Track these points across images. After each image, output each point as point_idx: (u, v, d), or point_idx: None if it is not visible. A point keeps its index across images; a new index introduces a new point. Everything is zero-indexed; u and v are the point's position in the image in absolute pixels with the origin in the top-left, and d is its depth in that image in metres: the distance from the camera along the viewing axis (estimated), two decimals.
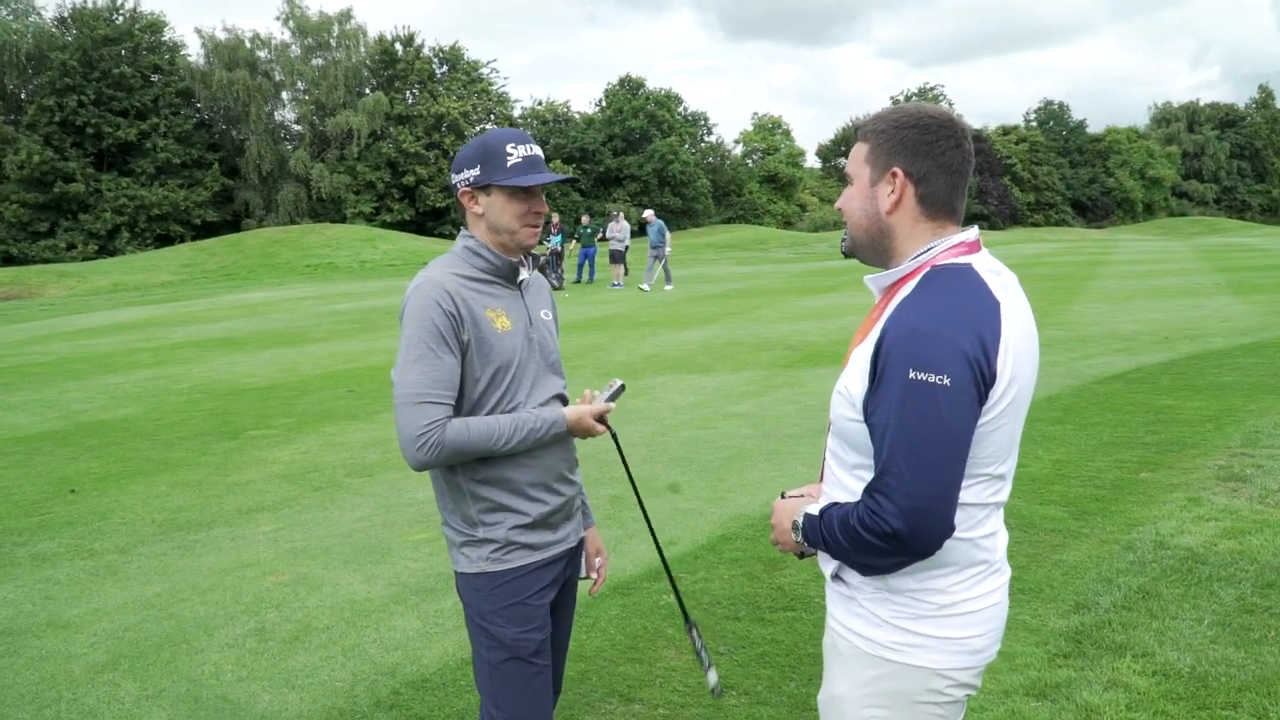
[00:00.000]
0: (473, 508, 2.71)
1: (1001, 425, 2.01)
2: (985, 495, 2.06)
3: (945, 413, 1.91)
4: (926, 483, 1.92)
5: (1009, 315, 2.01)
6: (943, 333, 1.93)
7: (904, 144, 2.09)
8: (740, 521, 6.45)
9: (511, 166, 2.67)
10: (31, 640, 5.03)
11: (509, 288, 2.79)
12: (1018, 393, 2.02)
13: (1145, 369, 11.53)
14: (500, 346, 2.67)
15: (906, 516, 1.92)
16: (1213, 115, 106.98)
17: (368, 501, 7.27)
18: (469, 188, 2.71)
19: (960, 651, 2.09)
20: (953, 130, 2.10)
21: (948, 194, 2.10)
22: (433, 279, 2.64)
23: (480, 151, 2.70)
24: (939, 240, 2.10)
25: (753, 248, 49.86)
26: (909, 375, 1.91)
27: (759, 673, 4.34)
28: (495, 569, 2.71)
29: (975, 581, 2.09)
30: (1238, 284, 22.70)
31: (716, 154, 79.63)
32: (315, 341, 17.38)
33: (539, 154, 2.72)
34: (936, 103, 75.29)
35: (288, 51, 64.26)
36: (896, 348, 1.95)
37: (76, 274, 40.16)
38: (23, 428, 10.53)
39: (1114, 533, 5.90)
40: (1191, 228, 74.09)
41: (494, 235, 2.74)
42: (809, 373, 12.14)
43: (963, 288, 2.01)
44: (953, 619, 2.08)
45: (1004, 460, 2.07)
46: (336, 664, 4.64)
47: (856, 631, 2.14)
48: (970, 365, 1.91)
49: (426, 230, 61.00)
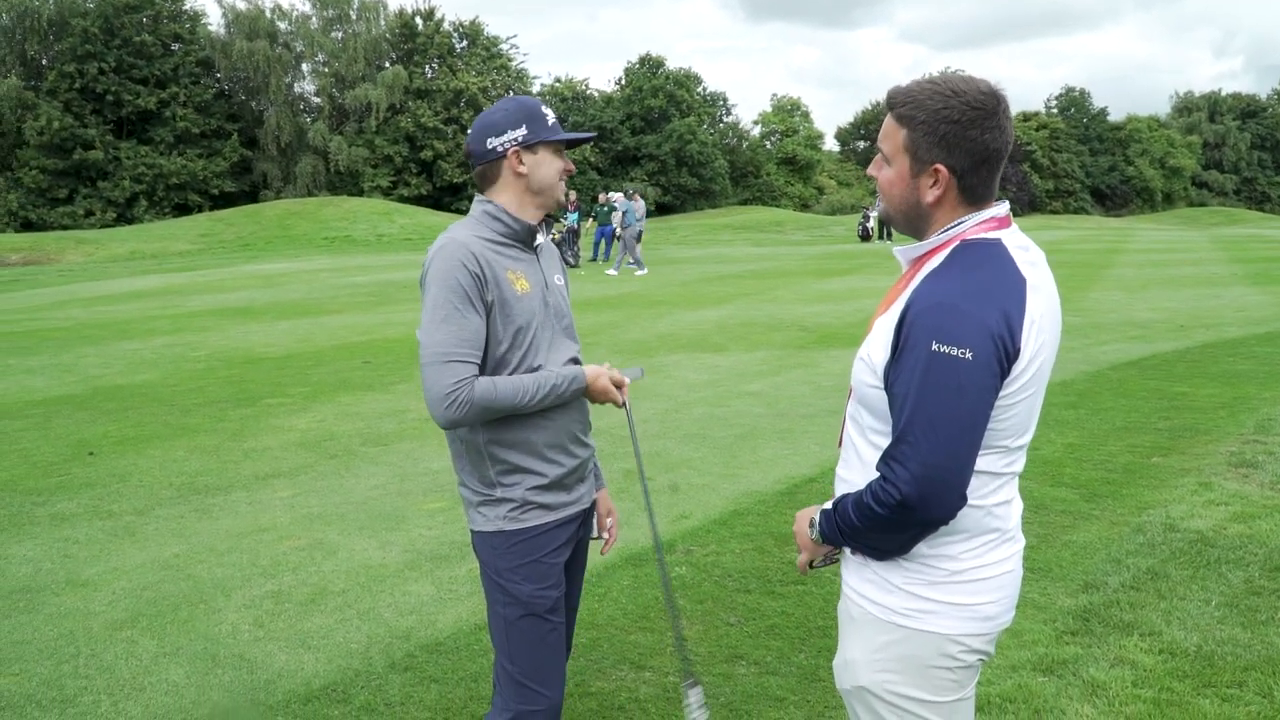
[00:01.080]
0: (491, 469, 2.75)
1: (1022, 399, 2.03)
2: (1000, 465, 2.08)
3: (966, 386, 1.93)
4: (941, 453, 1.94)
5: (1034, 291, 2.02)
6: (967, 307, 1.95)
7: (946, 140, 2.04)
8: (752, 497, 6.49)
9: (553, 125, 2.75)
10: (50, 597, 5.10)
11: (527, 251, 2.82)
12: (1039, 367, 2.03)
13: (1160, 356, 11.52)
14: (520, 308, 2.71)
15: (919, 483, 1.95)
16: (1234, 106, 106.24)
17: (383, 470, 7.33)
18: (517, 147, 2.73)
19: (972, 618, 2.10)
20: (993, 113, 2.04)
21: (990, 180, 2.10)
22: (456, 240, 2.66)
23: (523, 112, 2.74)
24: (971, 215, 2.10)
25: (769, 229, 49.78)
26: (932, 347, 1.93)
27: (769, 644, 4.39)
28: (512, 528, 2.75)
29: (988, 549, 2.11)
30: (1255, 274, 22.61)
31: (734, 135, 79.42)
32: (331, 313, 17.46)
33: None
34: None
35: (308, 23, 64.32)
36: (921, 320, 1.96)
37: (95, 241, 40.37)
38: (40, 391, 10.63)
39: (1124, 515, 5.93)
40: (1210, 218, 73.66)
41: (533, 196, 2.78)
42: (823, 354, 12.15)
43: (991, 263, 2.03)
44: (964, 585, 2.10)
45: (1023, 433, 2.09)
46: (352, 626, 4.70)
47: (869, 597, 2.16)
48: (994, 341, 1.93)
49: (443, 205, 61.05)
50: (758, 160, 79.10)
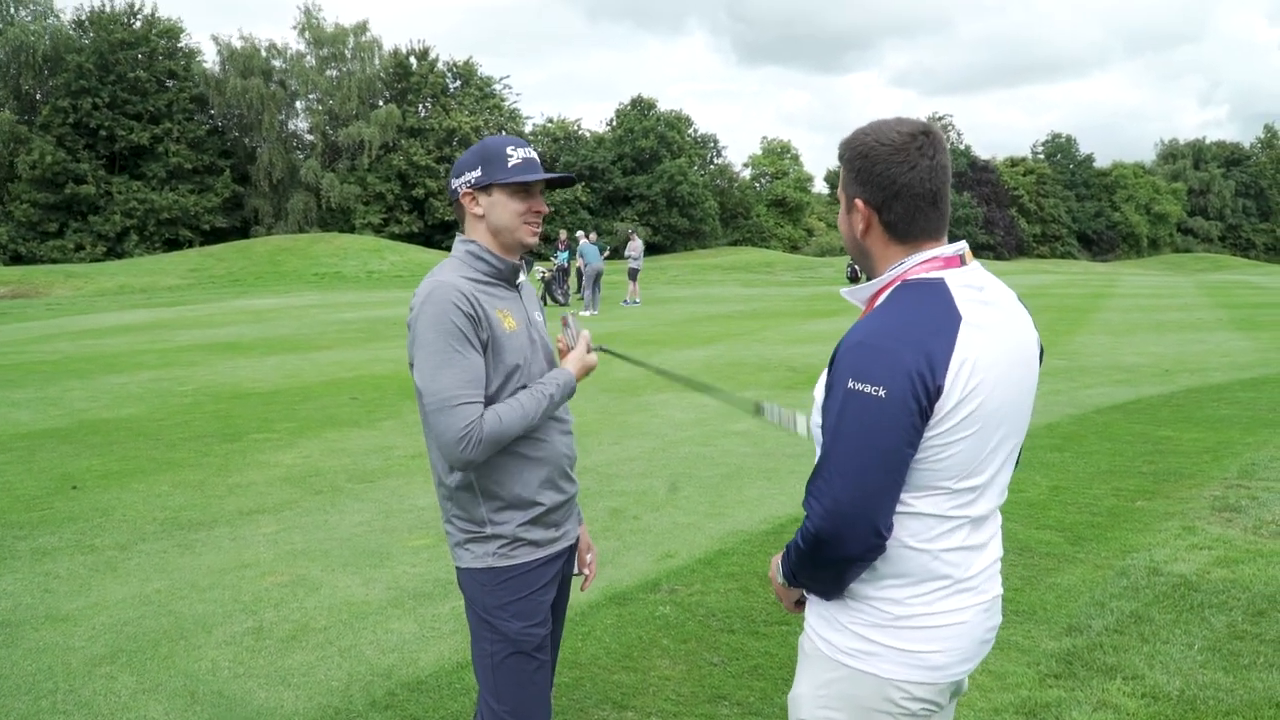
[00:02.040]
0: (483, 506, 2.75)
1: (960, 438, 2.00)
2: (947, 507, 2.05)
3: (877, 423, 1.94)
4: (850, 488, 1.97)
5: (975, 330, 2.00)
6: (886, 345, 1.97)
7: (859, 174, 2.10)
8: (737, 537, 6.48)
9: (512, 167, 2.76)
10: (30, 632, 5.07)
11: (510, 290, 2.85)
12: (979, 407, 1.99)
13: (1145, 400, 11.56)
14: (511, 346, 2.73)
15: (830, 518, 1.98)
16: (1218, 153, 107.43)
17: (368, 506, 7.31)
18: (470, 189, 2.79)
19: (916, 666, 2.07)
20: (904, 149, 2.06)
21: (910, 217, 2.09)
22: (445, 282, 2.67)
23: (481, 154, 2.80)
24: (911, 256, 2.11)
25: (759, 270, 49.97)
26: (849, 385, 1.97)
27: (752, 684, 4.37)
28: (502, 564, 2.76)
29: (938, 597, 2.08)
30: (1240, 320, 22.74)
31: (724, 176, 79.87)
32: (320, 349, 17.45)
33: (536, 157, 2.83)
34: (945, 132, 75.39)
35: (303, 61, 64.69)
36: (843, 358, 2.02)
37: (84, 275, 40.33)
38: (26, 424, 10.58)
39: (1108, 558, 5.94)
40: (1196, 264, 74.17)
41: (494, 237, 2.81)
42: (811, 394, 12.14)
43: (924, 302, 2.03)
44: (908, 631, 2.07)
45: (968, 475, 2.05)
46: (333, 664, 4.68)
47: (819, 633, 2.18)
48: (910, 378, 1.93)
49: (434, 243, 61.21)
50: (747, 202, 79.49)
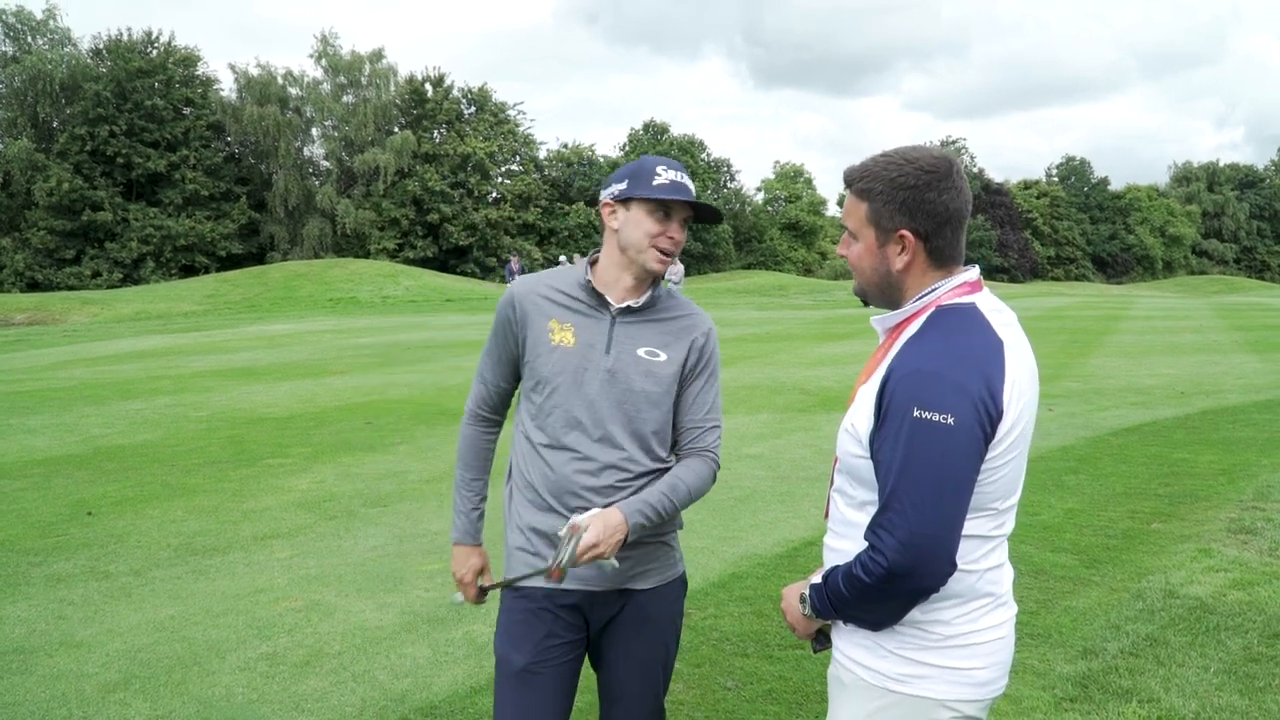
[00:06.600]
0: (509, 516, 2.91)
1: (1008, 460, 2.04)
2: (990, 528, 2.09)
3: (949, 451, 1.94)
4: (928, 519, 1.95)
5: (1012, 353, 2.05)
6: (948, 373, 1.97)
7: (906, 205, 2.09)
8: (751, 560, 6.47)
9: (656, 185, 2.67)
10: (44, 659, 5.08)
11: (595, 309, 2.77)
12: (1023, 428, 2.05)
13: (1160, 422, 11.51)
14: (546, 359, 2.73)
15: (907, 551, 1.95)
16: (1232, 176, 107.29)
17: (382, 531, 7.32)
18: (612, 200, 2.75)
19: (965, 683, 2.10)
20: (948, 175, 2.10)
21: (954, 243, 2.13)
22: (519, 281, 2.86)
23: (632, 168, 2.75)
24: (944, 281, 2.14)
25: (772, 293, 49.98)
26: (914, 414, 1.95)
27: (766, 709, 4.36)
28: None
29: (982, 613, 2.11)
30: (1255, 342, 22.63)
31: (738, 200, 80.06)
32: (335, 374, 17.51)
33: (689, 184, 2.72)
34: (959, 155, 75.05)
35: (319, 88, 65.27)
36: (902, 386, 1.99)
37: (100, 301, 40.59)
38: (42, 451, 10.64)
39: (1124, 581, 5.90)
40: (1211, 286, 73.96)
41: (620, 253, 2.74)
42: (824, 417, 12.16)
43: (967, 328, 2.06)
44: (957, 649, 2.09)
45: (1010, 494, 2.10)
46: (347, 689, 4.68)
47: (860, 662, 2.16)
48: (976, 405, 1.95)
49: (449, 268, 61.46)
50: (761, 225, 79.70)
